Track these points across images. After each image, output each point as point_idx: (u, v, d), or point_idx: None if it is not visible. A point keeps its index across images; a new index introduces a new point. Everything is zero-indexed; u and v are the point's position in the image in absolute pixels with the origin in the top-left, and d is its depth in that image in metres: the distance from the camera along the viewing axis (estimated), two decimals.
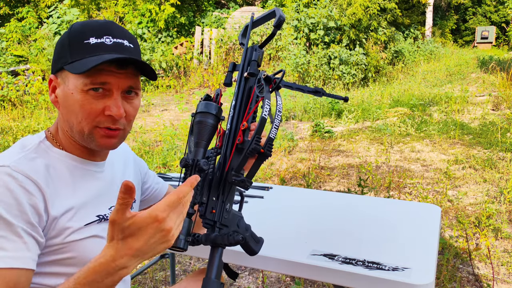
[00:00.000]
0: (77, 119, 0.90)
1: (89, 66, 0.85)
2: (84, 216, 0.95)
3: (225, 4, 14.97)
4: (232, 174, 0.94)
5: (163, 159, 4.65)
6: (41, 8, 14.12)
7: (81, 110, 0.89)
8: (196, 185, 0.84)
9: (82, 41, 0.90)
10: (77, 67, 0.88)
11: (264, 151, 0.94)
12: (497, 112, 6.86)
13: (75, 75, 0.89)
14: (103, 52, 0.89)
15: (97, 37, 0.90)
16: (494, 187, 3.87)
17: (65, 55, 0.91)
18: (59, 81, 0.93)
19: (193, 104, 7.62)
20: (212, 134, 0.94)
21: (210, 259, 0.94)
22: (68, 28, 0.94)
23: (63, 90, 0.92)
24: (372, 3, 11.10)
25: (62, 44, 0.93)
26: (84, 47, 0.89)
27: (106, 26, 0.92)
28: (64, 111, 0.93)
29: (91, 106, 0.89)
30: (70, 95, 0.90)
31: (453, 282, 2.42)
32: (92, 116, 0.90)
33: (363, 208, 1.57)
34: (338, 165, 4.72)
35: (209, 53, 11.58)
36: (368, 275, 1.07)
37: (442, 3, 19.78)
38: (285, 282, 2.51)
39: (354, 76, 10.07)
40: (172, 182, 1.87)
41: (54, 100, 0.95)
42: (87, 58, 0.88)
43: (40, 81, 8.55)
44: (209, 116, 0.94)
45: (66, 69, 0.90)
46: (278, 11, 1.05)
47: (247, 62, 1.05)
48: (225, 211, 0.96)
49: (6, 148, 4.76)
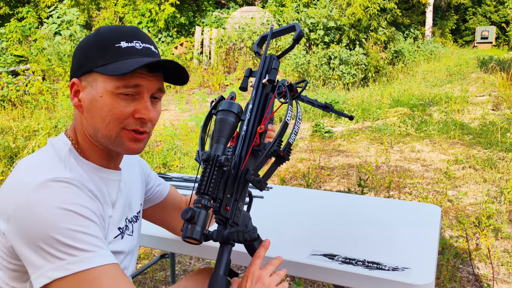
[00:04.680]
0: (104, 122, 0.90)
1: (130, 68, 0.85)
2: (112, 228, 0.96)
3: (225, 4, 14.97)
4: (251, 173, 0.96)
5: (163, 159, 4.65)
6: (41, 8, 14.12)
7: (110, 113, 0.89)
8: (213, 179, 0.89)
9: (113, 45, 0.90)
10: (113, 69, 0.87)
11: (284, 154, 0.97)
12: (497, 112, 6.86)
13: (106, 79, 0.88)
14: (135, 55, 0.90)
15: (128, 41, 0.91)
16: (494, 187, 3.87)
17: (93, 58, 0.90)
18: (84, 84, 0.91)
19: (193, 104, 7.62)
20: (232, 132, 0.98)
21: (219, 256, 0.95)
22: (94, 32, 0.94)
23: (90, 93, 0.90)
24: (371, 3, 11.10)
25: (89, 47, 0.92)
26: (115, 50, 0.89)
27: (134, 31, 0.94)
28: (89, 115, 0.91)
29: (121, 110, 0.89)
30: (99, 98, 0.89)
31: (453, 282, 2.43)
32: (120, 119, 0.90)
33: (363, 208, 1.57)
34: (338, 165, 4.72)
35: (209, 53, 11.58)
36: (368, 275, 1.07)
37: (442, 3, 19.78)
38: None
39: (354, 76, 10.07)
40: (172, 182, 1.87)
41: (77, 104, 0.93)
42: (121, 61, 0.89)
43: (40, 81, 8.54)
44: (231, 114, 0.97)
45: (99, 71, 0.89)
46: (298, 26, 1.11)
47: (266, 69, 1.09)
48: (238, 209, 0.98)
49: (6, 148, 4.76)
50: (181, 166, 4.49)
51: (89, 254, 0.78)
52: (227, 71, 11.28)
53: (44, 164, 0.87)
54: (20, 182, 0.83)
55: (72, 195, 0.81)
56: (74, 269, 0.76)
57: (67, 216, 0.78)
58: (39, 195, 0.79)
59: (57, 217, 0.77)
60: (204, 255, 1.30)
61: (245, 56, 11.37)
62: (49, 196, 0.79)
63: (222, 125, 0.97)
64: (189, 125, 6.26)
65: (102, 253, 0.80)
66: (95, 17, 13.84)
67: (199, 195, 0.89)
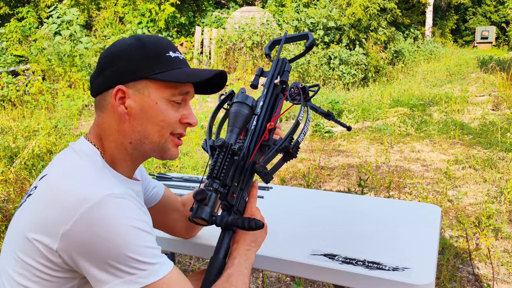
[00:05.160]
0: (157, 127, 0.93)
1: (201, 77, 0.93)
2: None
3: (225, 4, 14.97)
4: (260, 165, 1.01)
5: None
6: (41, 8, 14.11)
7: (165, 119, 0.93)
8: (225, 166, 0.95)
9: (164, 54, 0.94)
10: (171, 76, 0.92)
11: (292, 151, 1.03)
12: (497, 112, 6.86)
13: (160, 86, 0.92)
14: (182, 65, 0.96)
15: (173, 52, 0.96)
16: (494, 187, 3.87)
17: (148, 66, 0.92)
18: (132, 92, 0.92)
19: (193, 104, 7.62)
20: (245, 123, 1.04)
21: (220, 241, 0.99)
22: (135, 40, 0.95)
23: (142, 100, 0.92)
24: (371, 3, 11.10)
25: (139, 55, 0.93)
26: (167, 59, 0.94)
27: (171, 42, 0.99)
28: (138, 122, 0.93)
29: (174, 115, 0.94)
30: (154, 105, 0.92)
31: (453, 282, 2.43)
32: (172, 124, 0.94)
33: (363, 208, 1.56)
34: (338, 165, 4.72)
35: (209, 53, 11.58)
36: (368, 275, 1.07)
37: (442, 3, 19.78)
38: (285, 282, 2.51)
39: (354, 76, 10.07)
40: (172, 182, 1.87)
41: (124, 111, 0.92)
42: (177, 70, 0.94)
43: (40, 81, 8.54)
44: (245, 106, 1.03)
45: (155, 78, 0.91)
46: (310, 35, 1.19)
47: (278, 71, 1.15)
48: (242, 199, 1.03)
49: (6, 148, 4.76)
50: (181, 166, 4.49)
51: (156, 266, 0.81)
52: (227, 71, 11.29)
53: (91, 176, 0.86)
54: (72, 196, 0.81)
55: (132, 211, 0.82)
56: (145, 282, 0.79)
57: (133, 233, 0.80)
58: (102, 213, 0.79)
59: (125, 235, 0.79)
60: (204, 255, 1.30)
61: (245, 56, 11.37)
62: (112, 213, 0.79)
63: (236, 116, 1.03)
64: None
65: (164, 261, 0.83)
66: (95, 17, 13.84)
67: (210, 179, 0.93)
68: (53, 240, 0.80)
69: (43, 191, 0.86)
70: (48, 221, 0.81)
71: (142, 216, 0.84)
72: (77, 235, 0.79)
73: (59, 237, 0.80)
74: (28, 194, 0.91)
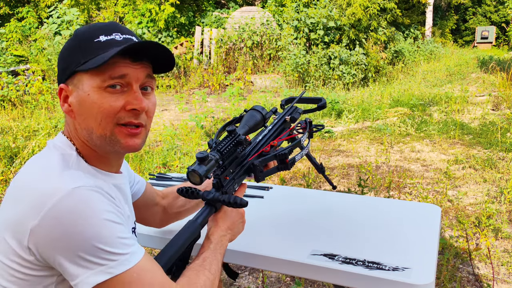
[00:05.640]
0: (96, 121, 0.88)
1: (107, 57, 0.84)
2: None
3: (225, 4, 14.97)
4: (258, 161, 1.12)
5: (163, 159, 4.65)
6: (41, 8, 14.11)
7: (100, 110, 0.87)
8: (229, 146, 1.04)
9: (92, 41, 0.88)
10: (94, 62, 0.86)
11: (288, 163, 1.13)
12: (497, 112, 6.86)
13: (90, 76, 0.87)
14: (116, 46, 0.88)
15: (106, 35, 0.89)
16: (494, 187, 3.87)
17: (75, 59, 0.89)
18: (71, 88, 0.90)
19: (193, 104, 7.62)
20: (255, 126, 1.18)
21: (200, 211, 1.06)
22: (73, 34, 0.93)
23: (78, 95, 0.89)
24: (371, 3, 11.09)
25: (70, 48, 0.91)
26: (95, 45, 0.88)
27: (113, 25, 0.93)
28: (81, 118, 0.90)
29: (110, 104, 0.87)
30: (86, 97, 0.87)
31: (453, 282, 2.43)
32: (112, 114, 0.88)
33: (363, 208, 1.56)
34: (338, 165, 4.72)
35: (209, 53, 11.58)
36: (368, 275, 1.07)
37: (442, 3, 19.78)
38: (285, 282, 2.51)
39: (354, 76, 10.07)
40: (173, 182, 1.87)
41: (68, 109, 0.91)
42: (102, 54, 0.87)
43: (40, 81, 8.54)
44: (259, 114, 1.20)
45: (80, 69, 0.87)
46: (324, 100, 1.40)
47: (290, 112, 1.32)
48: (232, 186, 1.10)
49: (6, 148, 4.76)
50: (181, 166, 4.49)
51: (127, 255, 0.81)
52: (227, 71, 11.29)
53: (59, 171, 0.84)
54: (38, 191, 0.79)
55: (101, 203, 0.81)
56: (116, 272, 0.78)
57: (102, 224, 0.79)
58: (70, 206, 0.77)
59: (94, 227, 0.78)
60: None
61: (245, 56, 11.37)
62: (80, 206, 0.78)
63: (250, 117, 1.18)
64: (189, 125, 6.26)
65: (135, 250, 0.83)
66: (95, 17, 13.84)
67: (213, 150, 1.02)
68: (23, 236, 0.79)
69: (12, 189, 0.85)
70: (17, 218, 0.80)
71: (111, 208, 0.82)
72: (46, 229, 0.77)
73: (28, 233, 0.78)
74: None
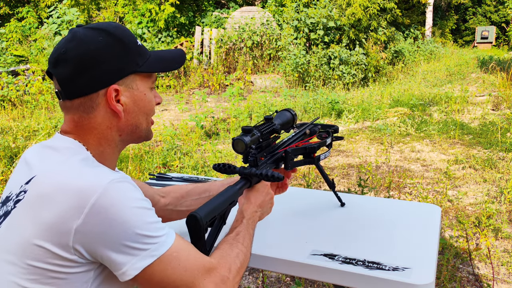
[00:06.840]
0: (147, 116, 1.00)
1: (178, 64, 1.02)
2: None
3: (225, 4, 14.96)
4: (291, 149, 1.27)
5: (163, 159, 4.65)
6: (41, 8, 14.12)
7: (152, 107, 1.01)
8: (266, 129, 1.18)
9: (137, 44, 0.97)
10: (150, 67, 0.97)
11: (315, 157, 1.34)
12: (497, 112, 6.86)
13: (143, 77, 0.97)
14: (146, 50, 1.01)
15: (136, 38, 1.00)
16: (494, 187, 3.87)
17: (132, 61, 0.94)
18: (123, 88, 0.94)
19: (193, 104, 7.62)
20: (287, 122, 1.33)
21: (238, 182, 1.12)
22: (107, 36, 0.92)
23: (133, 94, 0.96)
24: (371, 3, 11.09)
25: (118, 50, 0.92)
26: (140, 49, 0.97)
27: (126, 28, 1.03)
28: (132, 115, 0.97)
29: (154, 101, 1.02)
30: (143, 96, 0.98)
31: (453, 282, 2.43)
32: (154, 109, 1.03)
33: (363, 208, 1.56)
34: (338, 165, 4.72)
35: (209, 53, 11.57)
36: (368, 275, 1.07)
37: (442, 3, 19.78)
38: (285, 282, 2.51)
39: (354, 76, 10.07)
40: (173, 182, 1.87)
41: (121, 109, 0.94)
42: (150, 59, 0.98)
43: (40, 81, 8.54)
44: (289, 114, 1.35)
45: (141, 70, 0.96)
46: (337, 127, 1.51)
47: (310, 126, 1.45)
48: (264, 168, 1.17)
49: (6, 148, 4.76)
50: (181, 166, 4.49)
51: (163, 237, 0.86)
52: (227, 71, 11.28)
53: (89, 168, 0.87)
54: (74, 190, 0.81)
55: (133, 192, 0.86)
56: (158, 254, 0.84)
57: (140, 212, 0.84)
58: (109, 199, 0.81)
59: (134, 216, 0.83)
60: None
61: (245, 56, 11.37)
62: (118, 197, 0.83)
63: (282, 113, 1.34)
64: (189, 125, 6.26)
65: (168, 231, 0.89)
66: (95, 17, 13.84)
67: (256, 129, 1.14)
68: (66, 238, 0.80)
69: (39, 192, 0.84)
70: (54, 221, 0.80)
71: (140, 195, 0.87)
72: (91, 226, 0.80)
73: (73, 233, 0.80)
74: (16, 200, 0.87)
